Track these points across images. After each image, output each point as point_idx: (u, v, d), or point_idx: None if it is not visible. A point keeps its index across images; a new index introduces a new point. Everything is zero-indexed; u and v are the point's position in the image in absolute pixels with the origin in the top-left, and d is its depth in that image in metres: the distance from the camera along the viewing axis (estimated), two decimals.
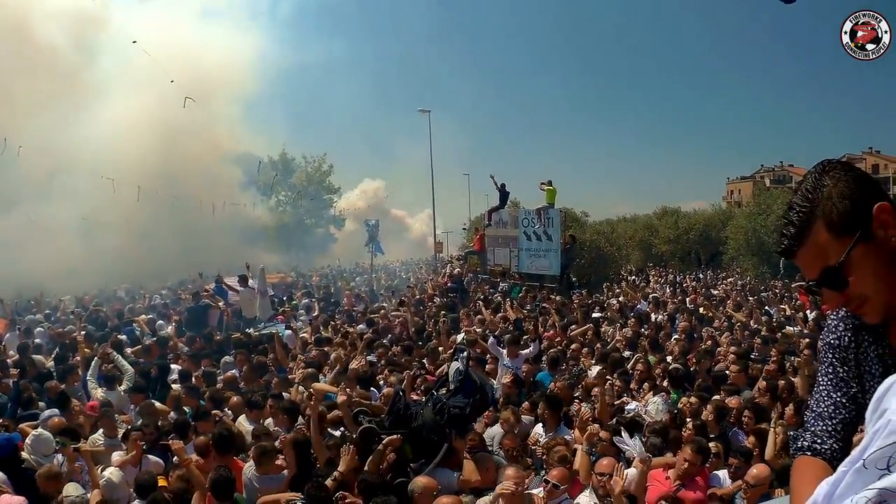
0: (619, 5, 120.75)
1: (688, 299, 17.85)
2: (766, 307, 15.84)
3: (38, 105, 30.38)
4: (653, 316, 14.02)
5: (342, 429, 6.26)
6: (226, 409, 7.66)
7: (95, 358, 9.45)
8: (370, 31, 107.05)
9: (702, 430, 6.13)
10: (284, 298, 20.38)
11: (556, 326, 12.75)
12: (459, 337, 10.80)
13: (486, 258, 24.04)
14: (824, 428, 1.71)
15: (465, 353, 6.63)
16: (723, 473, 5.48)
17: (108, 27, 35.42)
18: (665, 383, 8.07)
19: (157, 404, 7.69)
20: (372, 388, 8.17)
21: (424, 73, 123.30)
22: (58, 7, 33.51)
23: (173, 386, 9.04)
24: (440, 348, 10.50)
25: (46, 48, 31.93)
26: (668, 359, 9.51)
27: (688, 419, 6.45)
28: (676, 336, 11.54)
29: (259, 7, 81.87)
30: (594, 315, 14.06)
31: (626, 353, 10.12)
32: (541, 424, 6.69)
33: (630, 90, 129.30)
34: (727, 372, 8.66)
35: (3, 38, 29.73)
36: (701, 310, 15.03)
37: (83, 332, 12.71)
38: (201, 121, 35.12)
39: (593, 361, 9.34)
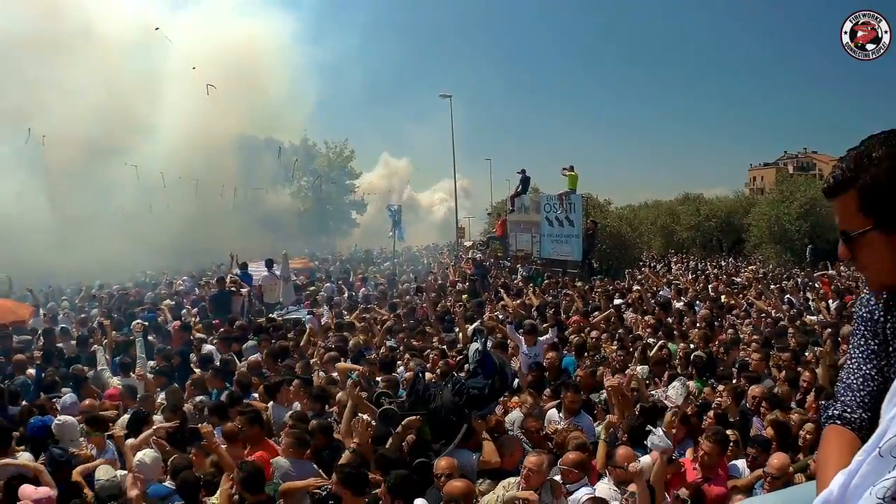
0: None
1: (710, 287, 17.72)
2: (788, 296, 15.67)
3: (64, 92, 30.61)
4: (674, 303, 13.97)
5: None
6: (254, 395, 7.78)
7: (104, 343, 9.60)
8: (392, 14, 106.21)
9: (722, 418, 6.14)
10: (306, 283, 20.46)
11: (579, 311, 12.76)
12: (473, 326, 10.76)
13: (507, 244, 24.00)
14: (854, 398, 1.74)
15: (485, 334, 6.67)
16: (741, 463, 5.45)
17: (134, 14, 35.49)
18: (681, 371, 8.07)
19: None
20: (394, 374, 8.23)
21: (446, 57, 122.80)
22: None
23: (196, 370, 9.14)
24: (459, 335, 10.56)
25: (73, 35, 32.19)
26: (690, 346, 9.46)
27: (712, 406, 6.45)
28: (698, 324, 11.48)
29: None
30: (615, 301, 14.03)
31: (650, 340, 10.12)
32: (555, 410, 6.69)
33: (652, 76, 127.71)
34: (748, 360, 8.61)
35: (28, 25, 29.94)
36: (722, 297, 14.94)
37: (108, 319, 12.78)
38: (224, 107, 35.17)
39: (615, 347, 9.38)
